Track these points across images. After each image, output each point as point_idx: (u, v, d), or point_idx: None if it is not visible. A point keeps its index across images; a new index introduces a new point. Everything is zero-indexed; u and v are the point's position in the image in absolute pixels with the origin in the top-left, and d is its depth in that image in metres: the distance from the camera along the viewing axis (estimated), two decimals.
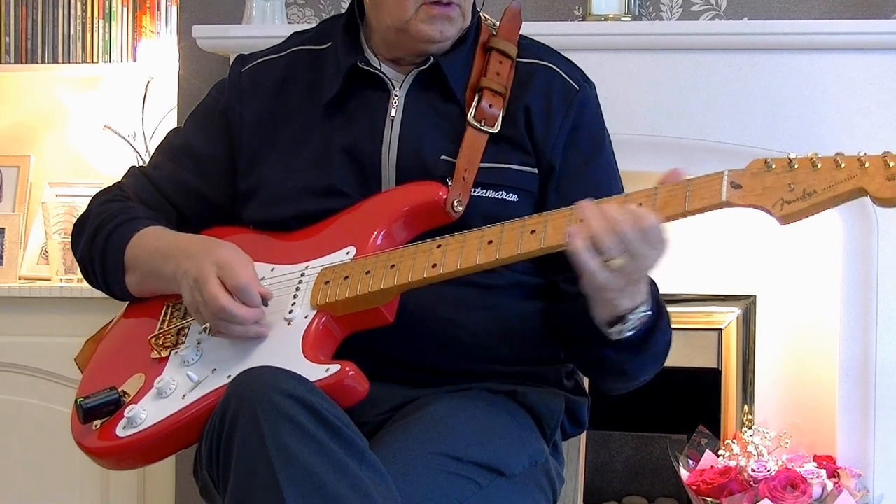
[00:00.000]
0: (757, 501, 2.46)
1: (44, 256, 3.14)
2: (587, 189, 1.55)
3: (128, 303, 1.76)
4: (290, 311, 1.55)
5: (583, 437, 1.93)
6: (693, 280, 2.78)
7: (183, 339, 1.61)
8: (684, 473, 2.60)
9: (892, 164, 1.33)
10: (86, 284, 2.13)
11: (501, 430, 1.58)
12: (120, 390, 1.56)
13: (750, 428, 2.66)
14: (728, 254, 2.79)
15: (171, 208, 1.78)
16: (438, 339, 1.61)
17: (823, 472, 2.50)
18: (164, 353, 1.60)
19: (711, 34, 2.61)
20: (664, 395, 2.61)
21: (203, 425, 1.44)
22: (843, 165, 1.35)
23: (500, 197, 1.64)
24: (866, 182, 1.34)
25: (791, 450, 2.59)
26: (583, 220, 1.41)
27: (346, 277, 1.54)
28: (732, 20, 2.71)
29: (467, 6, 1.68)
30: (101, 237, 1.72)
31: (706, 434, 2.67)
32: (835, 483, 2.50)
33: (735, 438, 2.66)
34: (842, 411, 2.59)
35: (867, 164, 1.34)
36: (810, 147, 1.41)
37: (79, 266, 1.79)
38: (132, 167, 1.86)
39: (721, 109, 2.59)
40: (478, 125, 1.65)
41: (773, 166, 1.39)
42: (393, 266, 1.52)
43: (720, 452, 2.62)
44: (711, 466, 2.57)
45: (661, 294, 1.63)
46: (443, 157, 1.64)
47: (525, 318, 1.65)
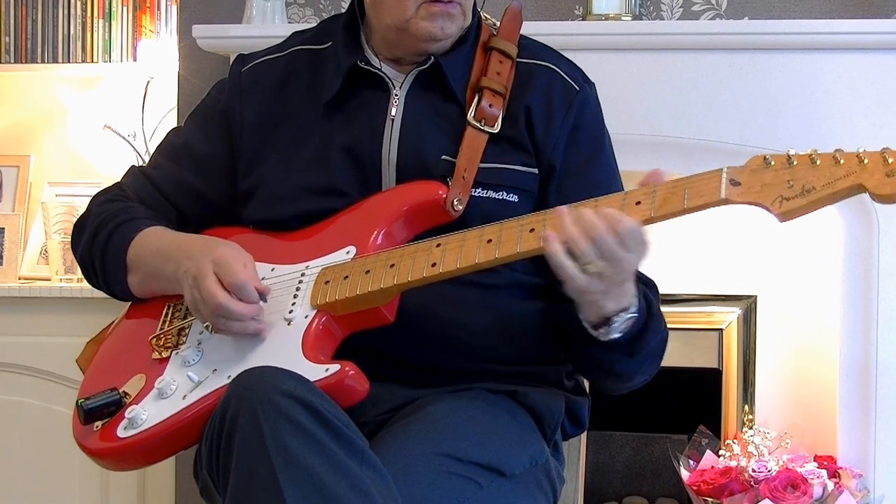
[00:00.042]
0: (758, 502, 2.45)
1: (43, 256, 3.13)
2: (588, 189, 1.55)
3: (129, 303, 1.76)
4: (290, 311, 1.54)
5: (583, 437, 1.92)
6: (693, 280, 2.78)
7: (184, 339, 1.61)
8: (685, 474, 2.59)
9: (890, 161, 1.33)
10: (86, 284, 2.12)
11: (502, 430, 1.58)
12: (121, 391, 1.56)
13: (750, 428, 2.66)
14: (728, 254, 2.79)
15: (171, 208, 1.77)
16: (439, 339, 1.61)
17: (824, 473, 2.50)
18: (164, 354, 1.60)
19: (712, 34, 2.61)
20: (665, 395, 2.60)
21: (204, 425, 1.44)
22: (841, 162, 1.35)
23: (500, 197, 1.64)
24: (865, 178, 1.33)
25: (792, 450, 2.59)
26: (559, 224, 1.42)
27: (346, 277, 1.54)
28: (733, 20, 2.71)
29: (468, 5, 1.68)
30: (101, 237, 1.72)
31: (707, 434, 2.67)
32: (835, 483, 2.50)
33: (736, 438, 2.65)
34: (842, 411, 2.59)
35: (866, 161, 1.34)
36: (811, 147, 1.41)
37: (79, 266, 1.79)
38: (132, 167, 1.86)
39: (722, 109, 2.59)
40: (478, 125, 1.64)
41: (772, 163, 1.38)
42: (393, 265, 1.52)
43: (721, 452, 2.62)
44: (712, 466, 2.57)
45: (660, 294, 1.64)
46: (443, 157, 1.64)
47: (525, 318, 1.65)
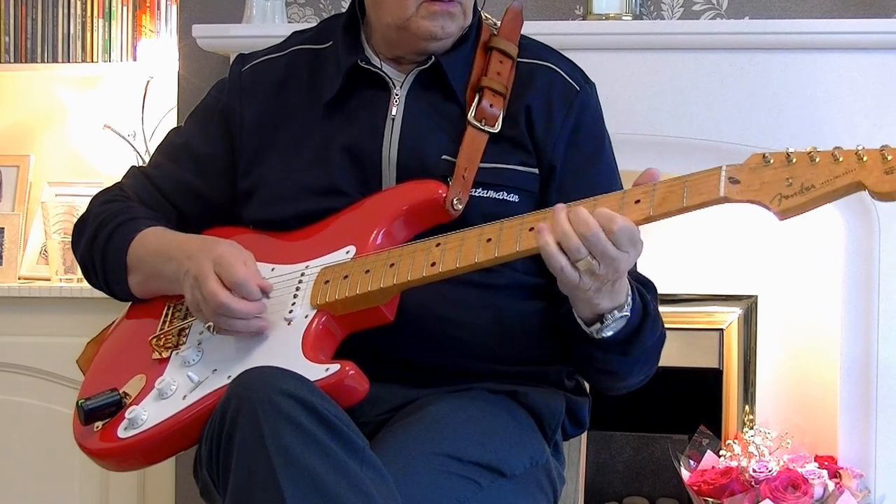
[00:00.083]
0: (758, 502, 2.45)
1: (43, 256, 3.13)
2: (588, 189, 1.54)
3: (130, 304, 1.75)
4: (290, 311, 1.54)
5: (584, 437, 1.92)
6: (694, 280, 2.78)
7: (184, 339, 1.61)
8: (685, 474, 2.59)
9: (889, 158, 1.32)
10: (86, 284, 2.12)
11: (502, 430, 1.58)
12: (121, 391, 1.56)
13: (751, 428, 2.66)
14: (729, 254, 2.79)
15: (171, 208, 1.77)
16: (439, 339, 1.60)
17: (825, 473, 2.50)
18: (164, 354, 1.60)
19: (712, 33, 2.60)
20: (665, 395, 2.60)
21: (204, 425, 1.44)
22: (841, 160, 1.35)
23: (500, 197, 1.64)
24: (864, 176, 1.33)
25: (792, 450, 2.59)
26: (554, 219, 1.42)
27: (346, 277, 1.54)
28: (734, 19, 2.71)
29: (468, 4, 1.68)
30: (101, 238, 1.71)
31: (707, 434, 2.67)
32: (836, 483, 2.50)
33: (736, 439, 2.65)
34: (843, 411, 2.59)
35: (865, 158, 1.33)
36: (811, 146, 1.40)
37: (79, 266, 1.79)
38: (132, 167, 1.85)
39: (722, 109, 2.58)
40: (478, 125, 1.64)
41: (772, 161, 1.38)
42: (392, 265, 1.52)
43: (721, 453, 2.62)
44: (713, 467, 2.57)
45: (658, 295, 1.63)
46: (443, 157, 1.64)
47: (525, 318, 1.65)
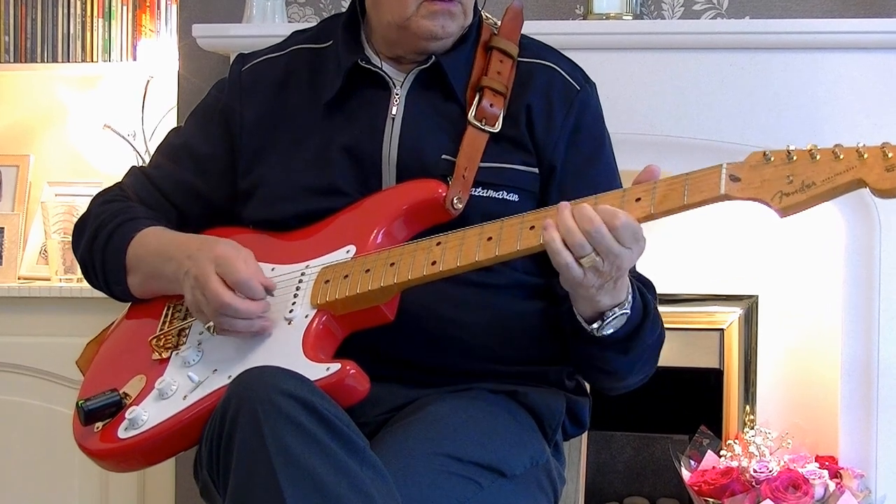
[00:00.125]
0: (759, 502, 2.45)
1: (43, 256, 3.13)
2: (588, 189, 1.54)
3: (129, 304, 1.75)
4: (291, 311, 1.54)
5: (584, 437, 1.92)
6: (695, 280, 2.78)
7: (184, 339, 1.60)
8: (686, 474, 2.59)
9: (890, 155, 1.32)
10: (85, 284, 2.12)
11: (502, 430, 1.57)
12: (121, 392, 1.56)
13: (752, 428, 2.65)
14: (730, 254, 2.78)
15: (171, 208, 1.77)
16: (439, 339, 1.60)
17: (826, 473, 2.50)
18: (164, 355, 1.59)
19: (713, 33, 2.60)
20: (666, 395, 2.60)
21: (204, 426, 1.43)
22: (841, 157, 1.35)
23: (501, 197, 1.63)
24: (865, 173, 1.33)
25: (793, 450, 2.59)
26: (558, 216, 1.42)
27: (346, 276, 1.53)
28: (734, 19, 2.71)
29: (469, 4, 1.67)
30: (101, 238, 1.71)
31: (708, 434, 2.66)
32: (837, 484, 2.50)
33: (737, 439, 2.65)
34: (844, 411, 2.59)
35: (866, 156, 1.33)
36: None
37: (80, 267, 1.79)
38: (132, 167, 1.85)
39: (723, 109, 2.58)
40: (478, 124, 1.64)
41: (772, 159, 1.38)
42: (393, 264, 1.52)
43: (722, 453, 2.61)
44: (713, 467, 2.57)
45: (657, 295, 1.63)
46: (443, 157, 1.64)
47: (526, 318, 1.65)
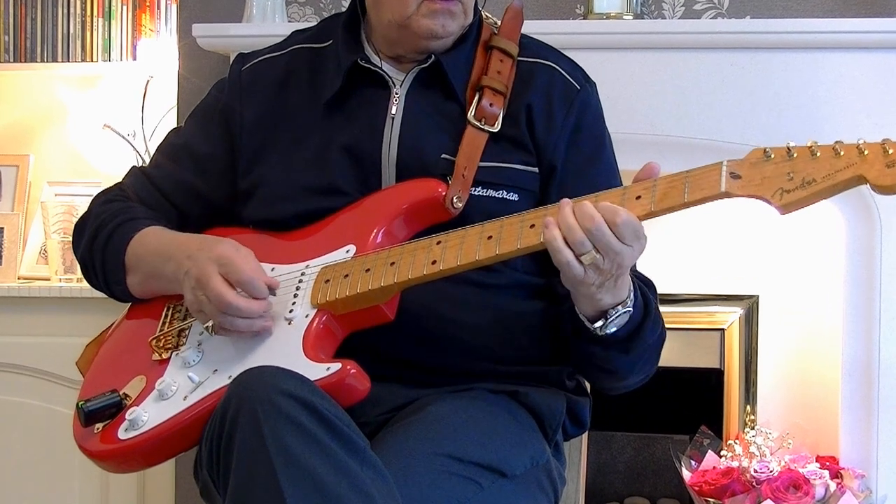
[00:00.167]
0: (759, 502, 2.45)
1: (43, 256, 3.13)
2: (588, 188, 1.54)
3: (129, 305, 1.75)
4: (291, 311, 1.54)
5: (585, 437, 1.92)
6: (695, 280, 2.78)
7: (184, 340, 1.60)
8: (686, 474, 2.59)
9: (890, 152, 1.32)
10: (85, 284, 2.12)
11: (503, 430, 1.57)
12: (121, 393, 1.56)
13: (752, 428, 2.65)
14: (730, 253, 2.78)
15: (171, 208, 1.77)
16: (440, 339, 1.60)
17: (826, 473, 2.50)
18: (164, 355, 1.59)
19: (714, 33, 2.60)
20: (666, 395, 2.60)
21: (204, 426, 1.43)
22: (841, 154, 1.35)
23: (500, 196, 1.63)
24: (865, 170, 1.33)
25: (794, 450, 2.58)
26: (559, 213, 1.42)
27: (347, 276, 1.53)
28: (735, 19, 2.70)
29: (469, 3, 1.67)
30: (101, 238, 1.71)
31: (708, 434, 2.66)
32: (838, 484, 2.50)
33: (737, 439, 2.65)
34: (845, 411, 2.59)
35: (866, 152, 1.33)
36: None
37: (80, 267, 1.79)
38: (132, 167, 1.85)
39: (723, 108, 2.58)
40: (478, 124, 1.64)
41: (772, 156, 1.38)
42: (393, 263, 1.51)
43: (722, 453, 2.61)
44: (714, 467, 2.57)
45: (658, 294, 1.63)
46: (443, 156, 1.64)
47: (526, 318, 1.64)
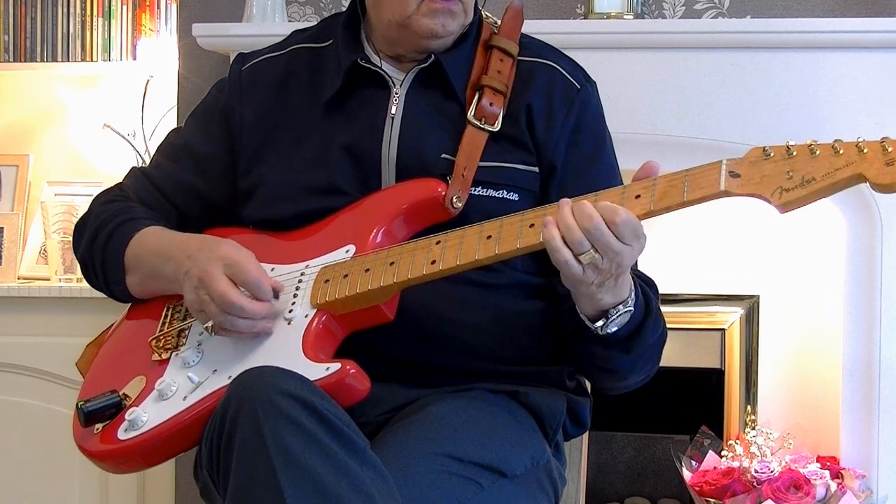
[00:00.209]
0: (760, 502, 2.45)
1: (43, 256, 3.12)
2: (588, 188, 1.54)
3: (129, 305, 1.75)
4: (291, 311, 1.54)
5: (585, 437, 1.92)
6: (696, 280, 2.77)
7: (184, 340, 1.60)
8: (687, 474, 2.59)
9: (890, 150, 1.32)
10: (85, 284, 2.12)
11: (503, 430, 1.57)
12: (121, 393, 1.56)
13: (753, 428, 2.65)
14: (731, 253, 2.78)
15: (171, 208, 1.77)
16: (440, 339, 1.60)
17: (827, 473, 2.49)
18: (164, 356, 1.59)
19: (714, 32, 2.60)
20: (667, 395, 2.60)
21: (204, 426, 1.43)
22: (841, 152, 1.34)
23: (501, 196, 1.63)
24: (865, 168, 1.33)
25: (794, 450, 2.58)
26: (558, 213, 1.42)
27: (346, 276, 1.53)
28: (735, 18, 2.70)
29: (469, 2, 1.67)
30: (101, 238, 1.71)
31: (709, 435, 2.66)
32: (838, 484, 2.49)
33: (738, 439, 2.65)
34: (846, 412, 2.58)
35: (865, 150, 1.33)
36: None
37: (80, 267, 1.79)
38: (133, 168, 1.85)
39: (724, 108, 2.58)
40: (478, 123, 1.64)
41: (772, 154, 1.38)
42: (392, 263, 1.51)
43: (723, 453, 2.61)
44: (714, 467, 2.56)
45: (659, 294, 1.63)
46: (443, 156, 1.64)
47: (526, 318, 1.64)
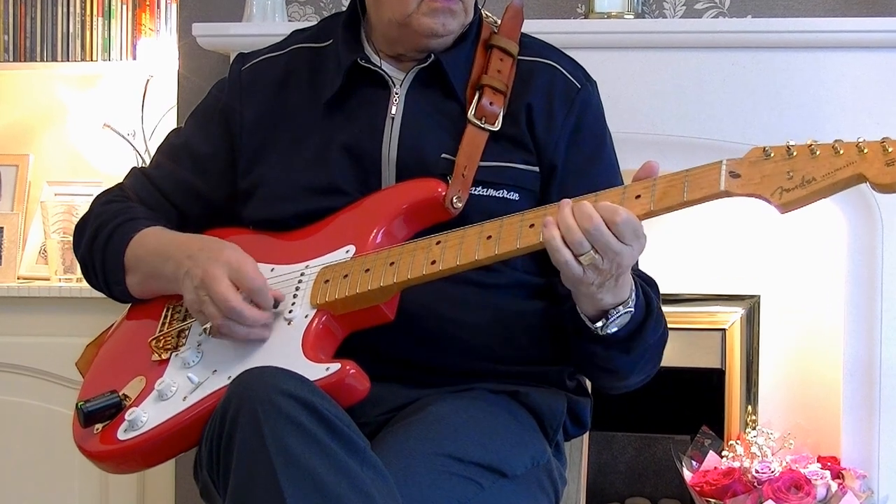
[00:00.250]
0: (761, 502, 2.44)
1: (43, 256, 3.12)
2: (589, 188, 1.54)
3: (129, 305, 1.75)
4: (290, 311, 1.54)
5: (586, 437, 1.92)
6: (696, 280, 2.77)
7: (183, 340, 1.60)
8: (688, 474, 2.59)
9: (890, 150, 1.32)
10: (85, 284, 2.12)
11: (503, 430, 1.57)
12: (121, 393, 1.56)
13: (754, 429, 2.65)
14: (732, 253, 2.78)
15: (171, 208, 1.77)
16: (440, 339, 1.60)
17: (828, 473, 2.49)
18: (164, 356, 1.59)
19: (715, 32, 2.60)
20: (667, 395, 2.60)
21: (204, 426, 1.43)
22: (841, 152, 1.34)
23: (501, 196, 1.63)
24: (865, 168, 1.32)
25: (795, 450, 2.58)
26: (559, 213, 1.42)
27: (346, 276, 1.53)
28: (736, 18, 2.70)
29: (469, 1, 1.67)
30: (101, 238, 1.71)
31: (710, 435, 2.66)
32: (839, 484, 2.49)
33: (739, 439, 2.65)
34: (846, 412, 2.58)
35: (866, 151, 1.33)
36: None
37: (80, 267, 1.79)
38: (133, 168, 1.86)
39: (724, 108, 2.58)
40: (478, 123, 1.64)
41: (772, 154, 1.38)
42: (392, 263, 1.51)
43: (724, 453, 2.61)
44: (715, 467, 2.56)
45: (660, 293, 1.63)
46: (443, 155, 1.63)
47: (527, 318, 1.64)
